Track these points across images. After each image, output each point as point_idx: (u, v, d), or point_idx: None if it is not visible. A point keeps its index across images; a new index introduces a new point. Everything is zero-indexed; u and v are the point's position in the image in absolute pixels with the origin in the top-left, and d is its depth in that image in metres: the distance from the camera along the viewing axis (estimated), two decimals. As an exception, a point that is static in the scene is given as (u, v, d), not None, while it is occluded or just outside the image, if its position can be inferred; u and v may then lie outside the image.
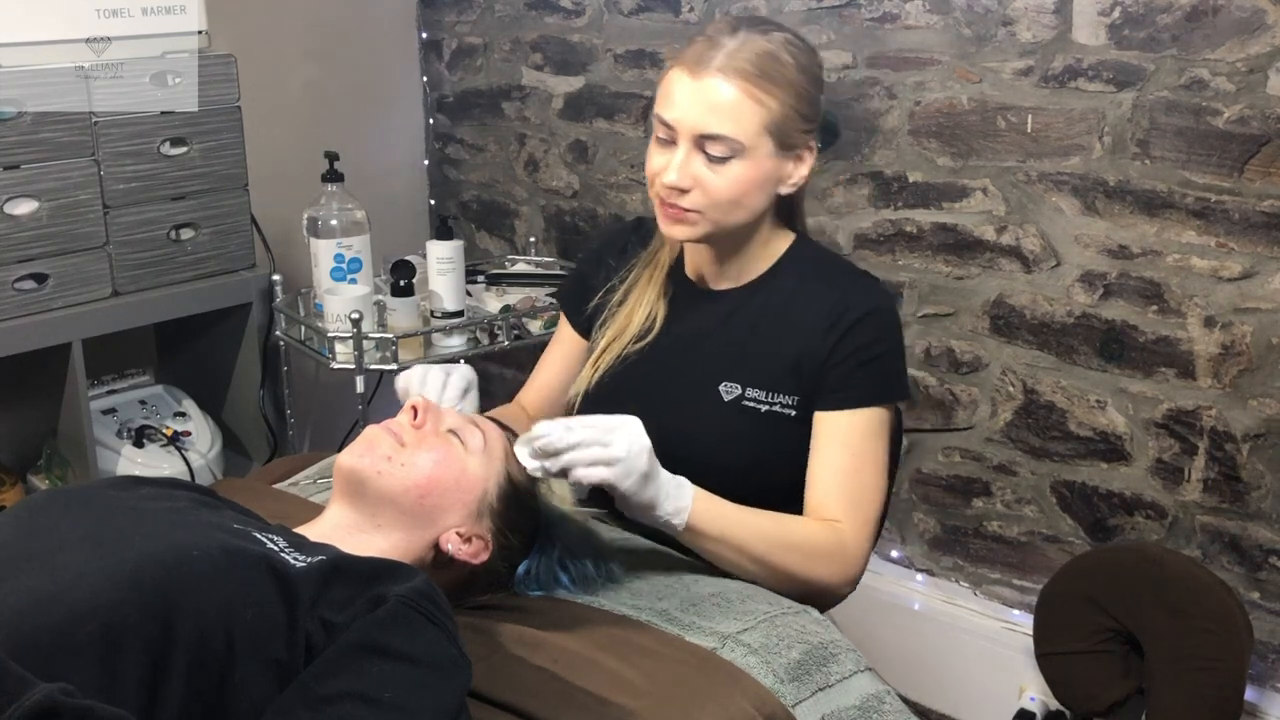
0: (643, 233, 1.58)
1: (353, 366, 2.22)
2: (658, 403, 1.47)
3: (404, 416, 1.26)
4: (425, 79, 3.07)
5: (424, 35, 3.04)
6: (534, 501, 1.31)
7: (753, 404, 1.44)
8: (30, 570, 0.96)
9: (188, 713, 0.90)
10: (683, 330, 1.50)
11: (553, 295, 2.46)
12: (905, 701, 1.29)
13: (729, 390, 1.45)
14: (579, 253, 2.73)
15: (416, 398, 1.28)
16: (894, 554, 2.41)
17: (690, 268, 1.53)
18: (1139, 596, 1.87)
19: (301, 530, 1.19)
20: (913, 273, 2.25)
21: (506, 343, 2.37)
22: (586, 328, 1.60)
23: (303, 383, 2.56)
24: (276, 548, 1.04)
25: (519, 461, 1.25)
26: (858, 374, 1.40)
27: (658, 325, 1.51)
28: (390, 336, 2.24)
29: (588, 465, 1.21)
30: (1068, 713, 2.06)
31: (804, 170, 1.42)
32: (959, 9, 2.09)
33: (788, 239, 1.50)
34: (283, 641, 0.96)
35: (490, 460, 1.25)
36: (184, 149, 2.20)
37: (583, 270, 1.64)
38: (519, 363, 2.86)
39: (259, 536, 1.06)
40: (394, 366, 2.25)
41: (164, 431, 2.32)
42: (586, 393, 1.52)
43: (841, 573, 1.38)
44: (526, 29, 2.82)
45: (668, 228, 1.41)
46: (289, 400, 2.47)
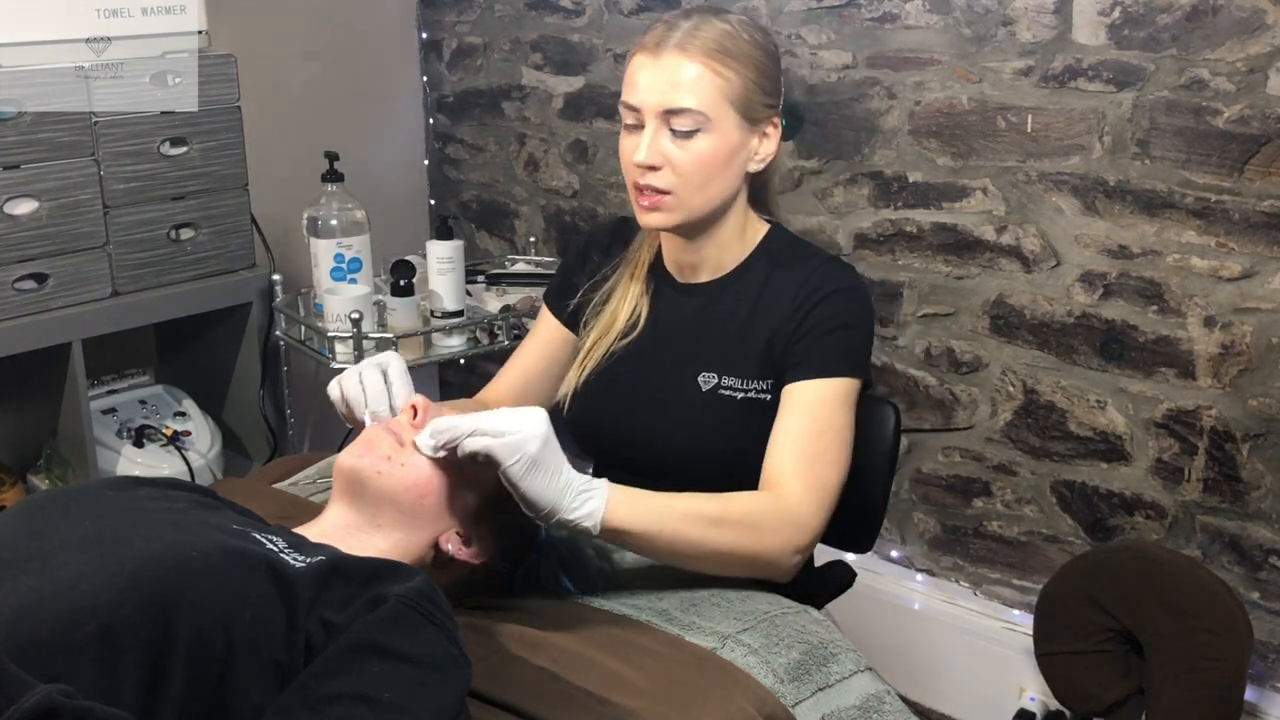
0: (627, 231, 1.59)
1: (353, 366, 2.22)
2: (640, 397, 1.49)
3: (404, 416, 1.26)
4: (425, 79, 3.07)
5: (424, 35, 3.04)
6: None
7: (729, 392, 1.44)
8: (29, 571, 0.96)
9: (187, 713, 0.90)
10: (664, 324, 1.51)
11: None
12: (905, 701, 1.29)
13: (706, 380, 1.46)
14: (565, 251, 2.74)
15: (417, 398, 1.28)
16: (894, 554, 2.41)
17: (670, 262, 1.54)
18: (1139, 596, 1.87)
19: (301, 530, 1.19)
20: (913, 273, 2.25)
21: (506, 343, 2.37)
22: (572, 323, 1.60)
23: (303, 383, 2.56)
24: (276, 548, 1.04)
25: (420, 437, 1.21)
26: (822, 344, 1.40)
27: (642, 321, 1.52)
28: (390, 336, 2.24)
29: (472, 436, 1.16)
30: (1068, 713, 2.06)
31: (771, 146, 1.43)
32: (959, 9, 2.09)
33: (763, 228, 1.51)
34: (282, 642, 0.96)
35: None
36: (184, 149, 2.20)
37: (568, 267, 1.65)
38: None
39: (259, 537, 1.06)
40: (394, 366, 2.24)
41: (164, 431, 2.32)
42: (575, 391, 1.53)
43: (787, 540, 1.32)
44: (526, 29, 2.82)
45: (644, 216, 1.42)
46: (289, 400, 2.47)
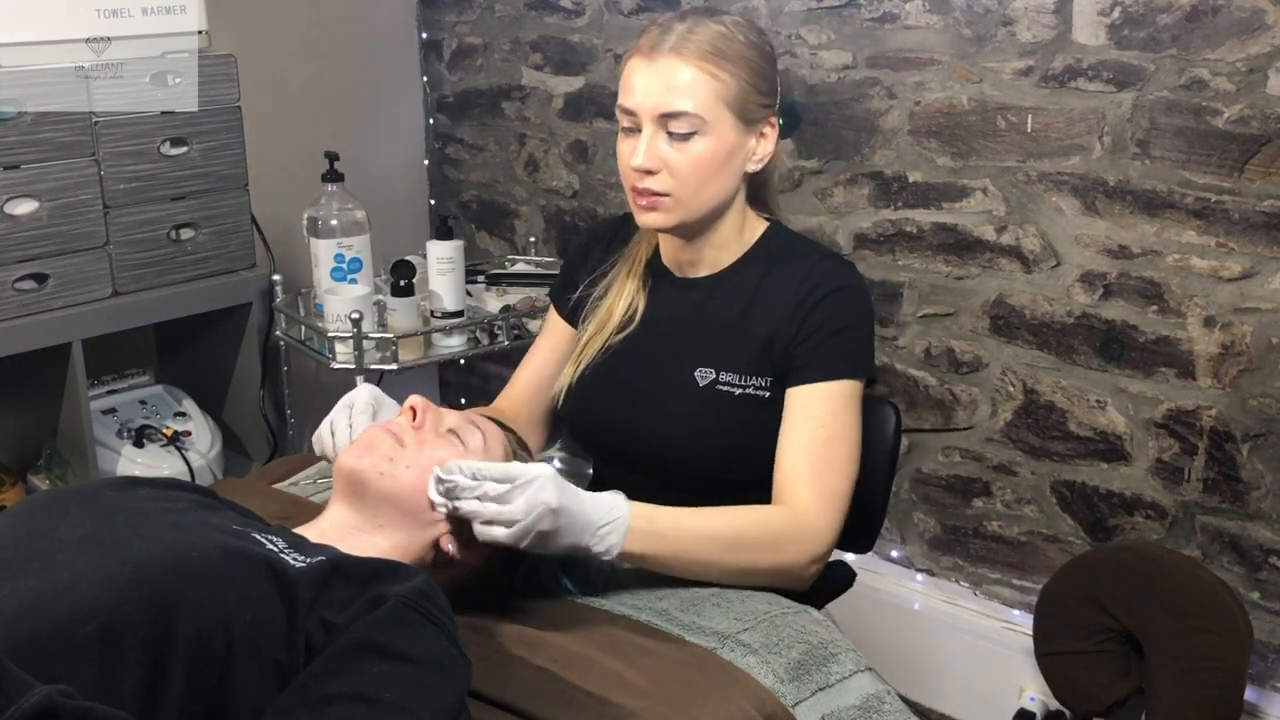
0: (627, 228, 1.59)
1: (353, 366, 2.22)
2: (636, 393, 1.50)
3: (403, 418, 1.26)
4: (425, 79, 3.07)
5: (424, 35, 3.04)
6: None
7: (726, 388, 1.45)
8: (30, 571, 0.96)
9: (187, 713, 0.90)
10: (660, 320, 1.52)
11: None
12: (905, 701, 1.29)
13: (703, 375, 1.46)
14: (568, 249, 2.74)
15: (416, 399, 1.28)
16: (894, 554, 2.41)
17: (667, 257, 1.54)
18: (1139, 596, 1.87)
19: (301, 530, 1.19)
20: (913, 273, 2.25)
21: (506, 343, 2.37)
22: (574, 319, 1.61)
23: (303, 383, 2.56)
24: (276, 549, 1.04)
25: (430, 491, 1.20)
26: (825, 347, 1.40)
27: (638, 316, 1.52)
28: (390, 336, 2.24)
29: (484, 523, 1.17)
30: (1068, 713, 2.06)
31: (768, 146, 1.44)
32: (959, 9, 2.09)
33: (761, 226, 1.51)
34: (282, 642, 0.96)
35: (490, 460, 1.25)
36: (184, 149, 2.20)
37: (571, 264, 1.66)
38: (518, 363, 2.86)
39: (259, 538, 1.06)
40: (394, 366, 2.25)
41: (164, 431, 2.32)
42: (570, 388, 1.54)
43: (804, 553, 1.34)
44: (526, 29, 2.82)
45: (642, 216, 1.43)
46: (289, 400, 2.47)
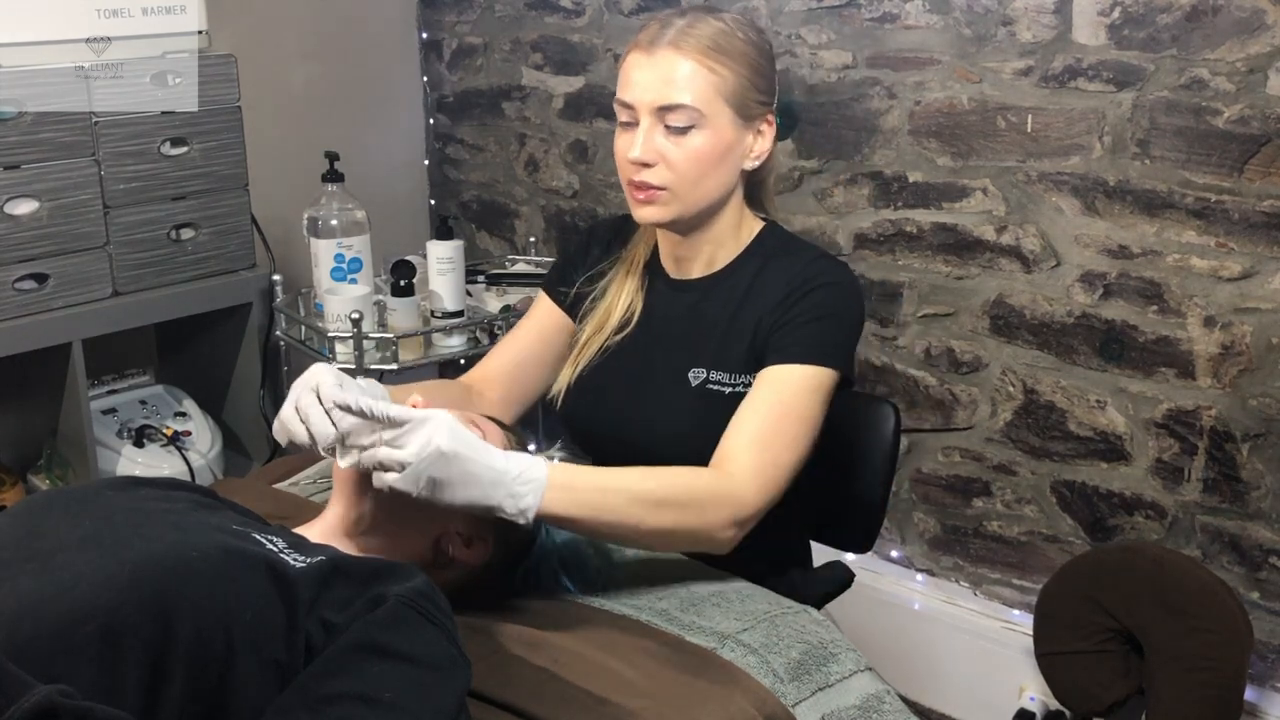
0: (627, 229, 1.59)
1: (353, 366, 2.22)
2: (630, 394, 1.50)
3: (404, 416, 1.25)
4: (425, 79, 3.07)
5: (424, 35, 3.04)
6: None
7: (717, 386, 1.45)
8: (29, 571, 0.96)
9: (187, 713, 0.90)
10: (656, 321, 1.52)
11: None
12: (905, 701, 1.29)
13: (696, 376, 1.46)
14: (567, 241, 2.74)
15: (417, 398, 1.28)
16: (894, 554, 2.41)
17: (665, 258, 1.54)
18: (1139, 596, 1.87)
19: (301, 531, 1.19)
20: (913, 273, 2.25)
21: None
22: (571, 312, 1.61)
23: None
24: (276, 549, 1.04)
25: (311, 422, 1.13)
26: (802, 330, 1.40)
27: (635, 317, 1.52)
28: (390, 336, 2.24)
29: (374, 466, 1.11)
30: (1068, 713, 2.06)
31: (765, 144, 1.44)
32: (959, 9, 2.09)
33: (758, 226, 1.51)
34: (282, 642, 0.96)
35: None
36: (184, 149, 2.20)
37: (568, 258, 1.65)
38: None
39: (259, 538, 1.06)
40: (394, 366, 2.25)
41: (164, 431, 2.32)
42: (568, 388, 1.54)
43: (724, 515, 1.29)
44: (526, 29, 2.82)
45: (639, 210, 1.43)
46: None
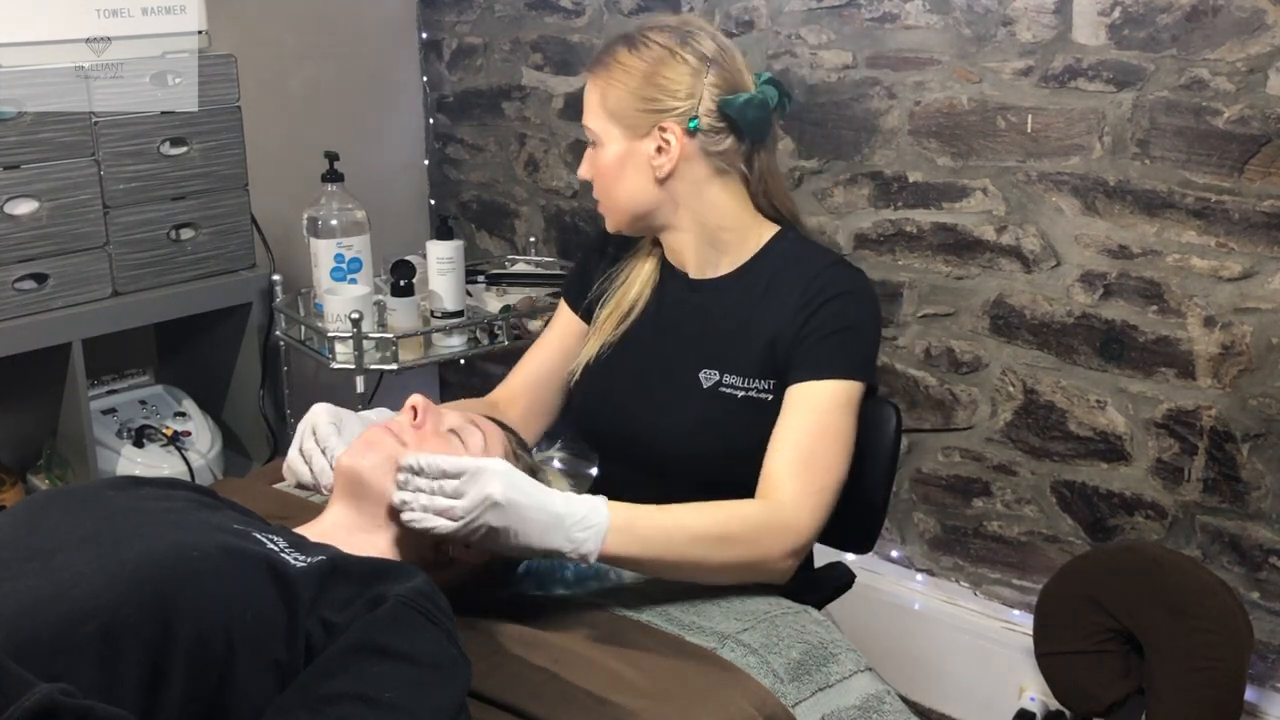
0: None
1: (353, 366, 2.22)
2: (641, 392, 1.50)
3: (404, 417, 1.26)
4: (425, 79, 3.07)
5: (424, 35, 3.04)
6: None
7: (729, 389, 1.45)
8: (30, 571, 0.96)
9: (187, 713, 0.90)
10: (668, 320, 1.52)
11: (556, 292, 2.46)
12: (905, 701, 1.29)
13: (708, 377, 1.46)
14: (582, 244, 2.74)
15: (417, 398, 1.28)
16: (894, 554, 2.41)
17: (671, 258, 1.55)
18: (1139, 596, 1.87)
19: (301, 530, 1.19)
20: (913, 273, 2.25)
21: (506, 342, 2.37)
22: (588, 316, 1.61)
23: (303, 383, 2.56)
24: (277, 548, 1.04)
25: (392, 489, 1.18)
26: (826, 345, 1.41)
27: (647, 304, 1.54)
28: (390, 336, 2.24)
29: (431, 514, 1.14)
30: (1068, 713, 2.06)
31: (670, 155, 1.43)
32: (959, 9, 2.09)
33: (770, 230, 1.51)
34: (282, 642, 0.96)
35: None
36: (184, 149, 2.20)
37: (586, 258, 1.67)
38: (518, 363, 2.86)
39: (259, 537, 1.06)
40: (394, 366, 2.25)
41: (164, 431, 2.32)
42: (587, 367, 1.55)
43: (781, 545, 1.32)
44: (526, 29, 2.82)
45: None
46: (289, 400, 2.47)
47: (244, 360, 2.43)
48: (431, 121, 3.10)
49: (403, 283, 2.26)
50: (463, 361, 2.35)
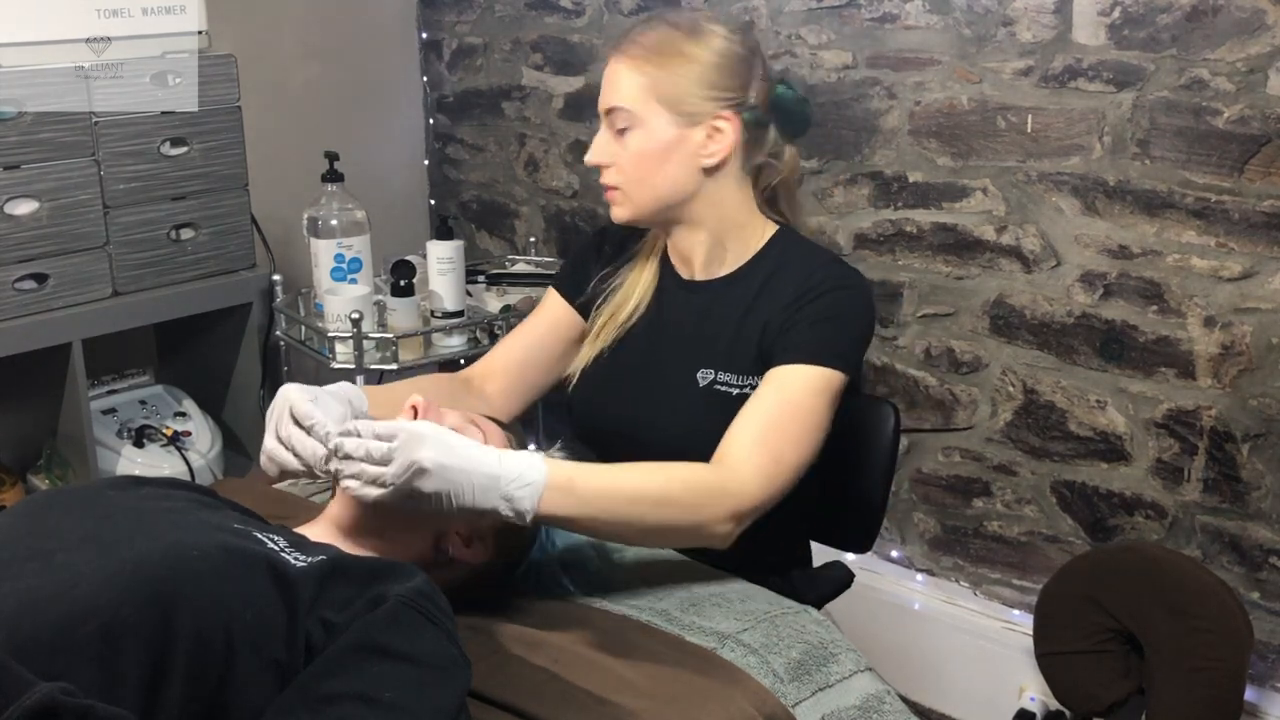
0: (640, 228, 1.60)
1: (353, 366, 2.22)
2: (639, 393, 1.50)
3: (404, 417, 1.26)
4: (425, 79, 3.07)
5: (424, 35, 3.04)
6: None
7: (724, 387, 1.45)
8: (30, 570, 0.96)
9: (187, 712, 0.90)
10: (667, 321, 1.53)
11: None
12: (905, 701, 1.29)
13: (704, 376, 1.47)
14: (578, 239, 2.74)
15: (417, 398, 1.28)
16: (894, 554, 2.41)
17: (673, 256, 1.55)
18: (1139, 596, 1.87)
19: (302, 530, 1.19)
20: (913, 273, 2.25)
21: (506, 342, 2.36)
22: (583, 310, 1.61)
23: (303, 383, 2.55)
24: (277, 548, 1.04)
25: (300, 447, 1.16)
26: (810, 332, 1.40)
27: (646, 308, 1.54)
28: (390, 336, 2.24)
29: (362, 483, 1.11)
30: (1068, 713, 2.06)
31: (724, 142, 1.43)
32: (959, 9, 2.09)
33: (770, 230, 1.52)
34: (282, 641, 0.96)
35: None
36: (184, 149, 2.20)
37: (582, 254, 1.66)
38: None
39: (259, 536, 1.06)
40: (394, 366, 2.25)
41: (164, 431, 2.32)
42: (585, 371, 1.55)
43: (723, 509, 1.28)
44: (526, 29, 2.82)
45: (611, 210, 1.49)
46: (289, 400, 2.47)
47: (244, 360, 2.43)
48: (431, 121, 3.10)
49: (403, 283, 2.26)
50: (463, 361, 2.34)
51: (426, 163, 3.13)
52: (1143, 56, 1.90)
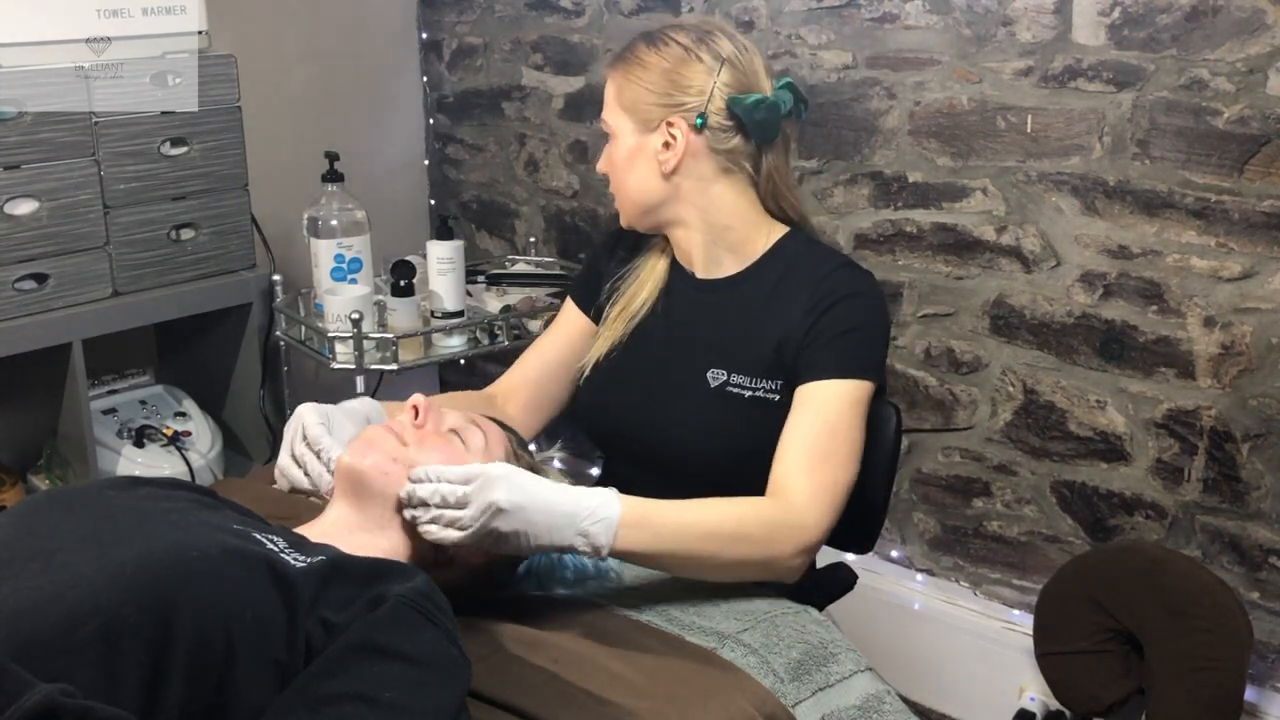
0: None
1: (353, 366, 2.22)
2: (648, 391, 1.51)
3: (405, 416, 1.26)
4: (425, 79, 3.07)
5: (424, 35, 3.04)
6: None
7: (736, 390, 1.45)
8: (30, 571, 0.96)
9: (187, 713, 0.90)
10: (676, 320, 1.53)
11: (560, 292, 2.46)
12: (905, 701, 1.29)
13: (715, 377, 1.47)
14: (591, 244, 2.74)
15: (418, 398, 1.28)
16: (894, 554, 2.41)
17: (679, 256, 1.55)
18: (1139, 596, 1.87)
19: (302, 530, 1.19)
20: (913, 273, 2.25)
21: (506, 343, 2.37)
22: (599, 313, 1.62)
23: (303, 383, 2.56)
24: (277, 548, 1.04)
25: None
26: (835, 345, 1.41)
27: (657, 305, 1.54)
28: (390, 336, 2.24)
29: (441, 526, 1.16)
30: (1068, 713, 2.06)
31: (675, 150, 1.44)
32: (959, 9, 2.09)
33: (779, 231, 1.52)
34: (282, 642, 0.96)
35: (491, 460, 1.25)
36: (184, 149, 2.20)
37: (595, 258, 1.68)
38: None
39: (259, 537, 1.06)
40: (394, 366, 2.25)
41: (164, 431, 2.32)
42: (596, 366, 1.55)
43: (793, 543, 1.32)
44: (526, 29, 2.82)
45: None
46: (289, 400, 2.47)
47: (244, 360, 2.43)
48: (431, 121, 3.10)
49: (403, 283, 2.26)
50: (463, 361, 2.35)
51: (426, 163, 3.13)
52: (1142, 56, 1.90)
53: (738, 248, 1.50)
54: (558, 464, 1.49)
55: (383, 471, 1.19)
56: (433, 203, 3.15)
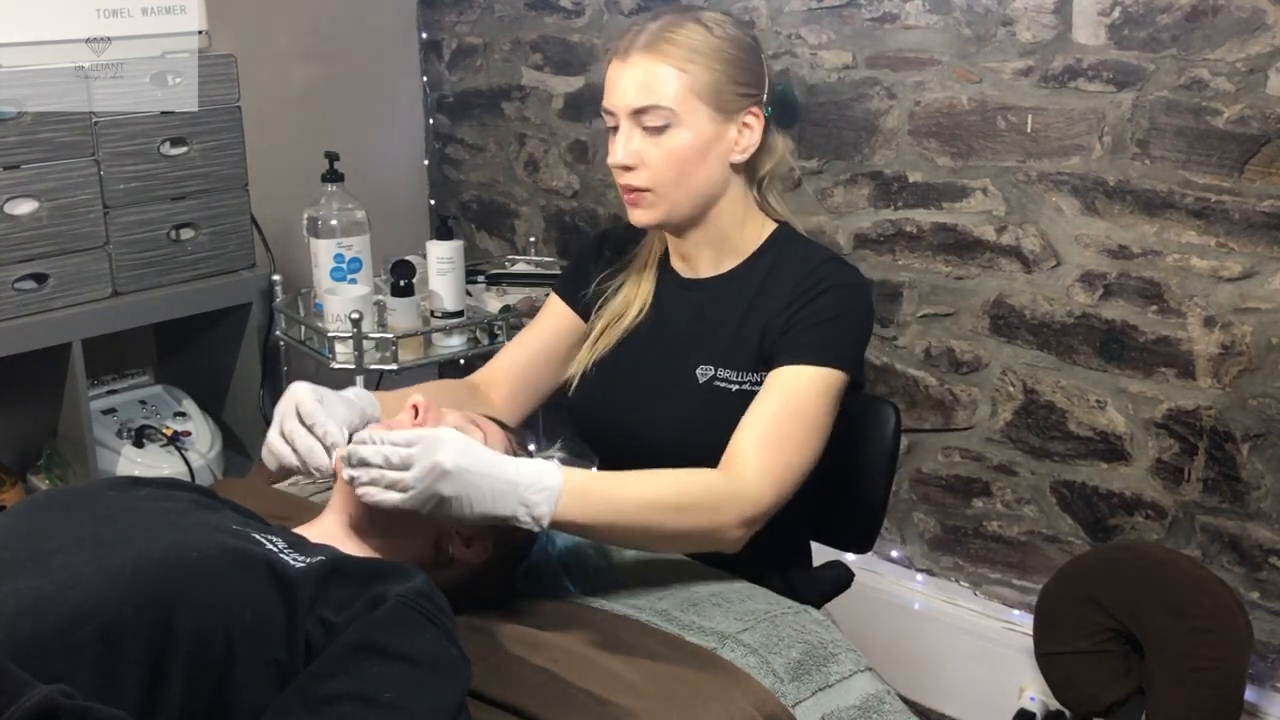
0: (640, 230, 1.60)
1: (353, 366, 2.22)
2: (639, 390, 1.51)
3: (405, 416, 1.26)
4: (425, 79, 3.07)
5: (424, 35, 3.04)
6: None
7: (724, 384, 1.45)
8: (30, 571, 0.96)
9: (187, 713, 0.90)
10: (666, 319, 1.53)
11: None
12: (905, 701, 1.29)
13: (704, 373, 1.47)
14: (578, 243, 2.74)
15: (418, 398, 1.28)
16: (894, 554, 2.41)
17: (673, 256, 1.55)
18: (1139, 596, 1.87)
19: (301, 531, 1.19)
20: (913, 273, 2.25)
21: (506, 342, 2.36)
22: (585, 312, 1.61)
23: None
24: (276, 548, 1.04)
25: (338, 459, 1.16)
26: (812, 333, 1.41)
27: (647, 312, 1.54)
28: (390, 336, 2.24)
29: (382, 488, 1.12)
30: (1068, 713, 2.06)
31: (752, 137, 1.44)
32: (959, 9, 2.09)
33: (769, 228, 1.52)
34: (282, 642, 0.96)
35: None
36: (184, 149, 2.20)
37: (582, 258, 1.67)
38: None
39: (259, 537, 1.06)
40: (394, 366, 2.25)
41: (164, 431, 2.32)
42: (584, 374, 1.55)
43: (735, 514, 1.29)
44: (526, 29, 2.82)
45: (631, 213, 1.46)
46: (289, 400, 2.47)
47: (244, 360, 2.43)
48: (431, 121, 3.10)
49: (403, 283, 2.26)
50: (463, 361, 2.34)
51: (426, 163, 3.13)
52: (1143, 56, 1.90)
53: (737, 244, 1.50)
54: (558, 463, 1.49)
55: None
56: (432, 203, 3.15)
